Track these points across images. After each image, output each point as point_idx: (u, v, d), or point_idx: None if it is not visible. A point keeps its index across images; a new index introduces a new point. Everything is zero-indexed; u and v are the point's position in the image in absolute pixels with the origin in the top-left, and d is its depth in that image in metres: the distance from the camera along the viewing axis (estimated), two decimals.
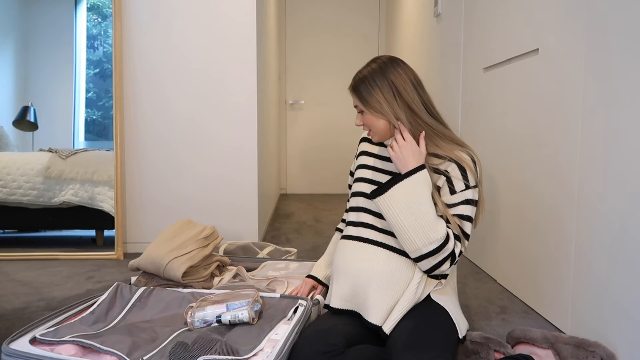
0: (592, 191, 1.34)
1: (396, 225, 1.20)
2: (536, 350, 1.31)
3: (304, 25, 4.94)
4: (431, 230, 1.18)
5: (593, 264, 1.35)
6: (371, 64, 1.31)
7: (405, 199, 1.19)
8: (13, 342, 1.15)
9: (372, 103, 1.27)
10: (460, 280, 1.99)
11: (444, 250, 1.19)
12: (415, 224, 1.18)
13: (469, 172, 1.24)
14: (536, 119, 1.66)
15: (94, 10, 2.76)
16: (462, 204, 1.24)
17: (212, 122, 2.47)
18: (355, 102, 1.31)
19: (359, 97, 1.29)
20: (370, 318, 1.23)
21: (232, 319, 1.30)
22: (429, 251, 1.19)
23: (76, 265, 2.20)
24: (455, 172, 1.24)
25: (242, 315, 1.30)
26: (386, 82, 1.26)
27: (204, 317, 1.31)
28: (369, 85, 1.27)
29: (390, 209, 1.20)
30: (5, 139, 2.62)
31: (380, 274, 1.25)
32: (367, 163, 1.39)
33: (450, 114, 2.63)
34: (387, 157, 1.36)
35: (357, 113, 1.34)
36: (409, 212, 1.19)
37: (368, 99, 1.27)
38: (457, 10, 2.53)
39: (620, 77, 1.24)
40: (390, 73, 1.27)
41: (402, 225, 1.19)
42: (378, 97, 1.26)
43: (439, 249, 1.19)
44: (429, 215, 1.19)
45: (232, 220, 2.49)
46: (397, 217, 1.20)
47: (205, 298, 1.41)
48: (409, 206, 1.19)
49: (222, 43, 2.45)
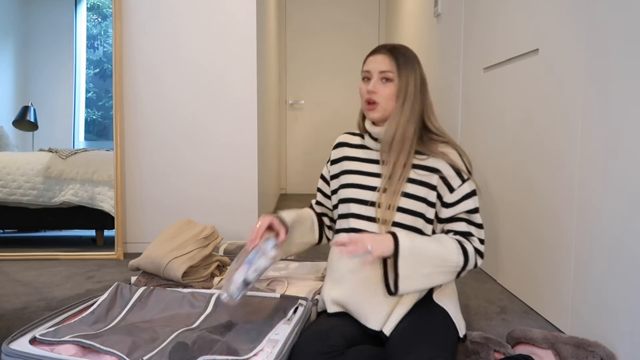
0: (592, 191, 1.34)
1: (426, 285, 1.22)
2: (536, 350, 1.31)
3: (304, 26, 4.94)
4: (449, 266, 1.20)
5: (593, 264, 1.35)
6: (405, 47, 1.31)
7: (415, 269, 1.18)
8: (13, 342, 1.15)
9: (406, 77, 1.25)
10: (460, 280, 1.99)
11: (469, 260, 1.22)
12: (436, 272, 1.20)
13: (459, 165, 1.25)
14: (536, 119, 1.66)
15: (94, 10, 2.76)
16: (464, 200, 1.24)
17: (213, 122, 2.47)
18: (386, 66, 1.25)
19: (397, 63, 1.25)
20: (369, 324, 1.22)
21: (258, 274, 1.24)
22: (459, 272, 1.22)
23: (76, 265, 2.20)
24: (446, 169, 1.25)
25: (263, 264, 1.24)
26: (419, 69, 1.29)
27: (237, 288, 1.23)
28: (409, 61, 1.27)
29: (411, 287, 1.20)
30: (5, 139, 2.62)
31: (377, 280, 1.24)
32: (352, 168, 1.35)
33: (450, 114, 2.63)
34: (373, 159, 1.33)
35: (373, 80, 1.26)
36: (424, 274, 1.19)
37: (403, 70, 1.25)
38: (457, 10, 2.52)
39: (620, 77, 1.24)
40: (420, 66, 1.30)
41: (430, 282, 1.22)
42: (411, 74, 1.26)
43: (465, 264, 1.21)
44: (437, 259, 1.19)
45: (232, 220, 2.49)
46: (421, 285, 1.21)
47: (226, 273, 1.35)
48: (420, 269, 1.18)
49: (222, 43, 2.45)
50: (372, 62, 1.28)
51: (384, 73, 1.26)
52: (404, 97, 1.25)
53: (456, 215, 1.25)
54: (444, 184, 1.25)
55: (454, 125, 2.55)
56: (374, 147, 1.34)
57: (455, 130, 2.53)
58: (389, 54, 1.26)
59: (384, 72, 1.26)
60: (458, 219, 1.26)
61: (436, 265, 1.18)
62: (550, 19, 1.57)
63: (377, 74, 1.26)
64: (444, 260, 1.19)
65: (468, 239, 1.24)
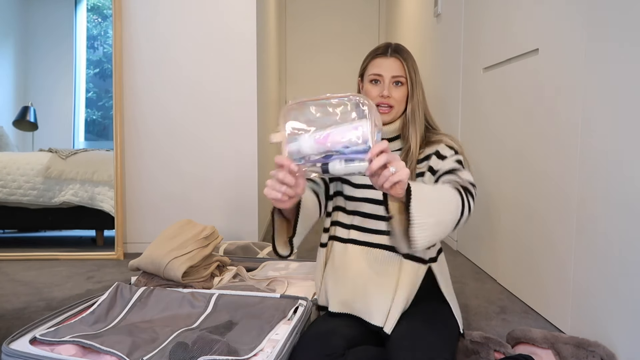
0: (593, 191, 1.34)
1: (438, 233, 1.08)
2: (536, 350, 1.31)
3: (304, 26, 4.94)
4: (454, 205, 1.09)
5: (593, 264, 1.35)
6: (403, 45, 1.32)
7: (426, 211, 1.03)
8: (13, 342, 1.15)
9: (415, 78, 1.28)
10: (460, 280, 1.99)
11: (464, 202, 1.12)
12: (444, 213, 1.07)
13: (452, 145, 1.26)
14: (536, 119, 1.66)
15: (94, 10, 2.76)
16: (455, 162, 1.24)
17: (213, 122, 2.47)
18: (399, 71, 1.27)
19: (407, 67, 1.28)
20: (373, 320, 1.22)
21: (346, 169, 0.95)
22: (459, 217, 1.11)
23: (76, 265, 2.20)
24: (440, 147, 1.26)
25: (359, 166, 0.95)
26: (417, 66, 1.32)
27: (299, 150, 0.96)
28: (413, 61, 1.30)
29: (425, 234, 1.03)
30: (5, 139, 2.62)
31: (378, 274, 1.24)
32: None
33: (450, 114, 2.63)
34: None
35: (385, 84, 1.26)
36: (435, 214, 1.06)
37: (412, 73, 1.28)
38: (457, 10, 2.52)
39: (620, 77, 1.24)
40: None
41: (440, 229, 1.07)
42: (417, 74, 1.29)
43: (463, 206, 1.11)
44: (443, 200, 1.09)
45: (232, 220, 2.49)
46: (433, 232, 1.05)
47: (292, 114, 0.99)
48: (431, 209, 1.05)
49: (222, 42, 2.45)
50: (384, 67, 1.28)
51: (397, 77, 1.28)
52: (415, 97, 1.28)
53: (447, 170, 1.23)
54: (437, 157, 1.26)
55: (454, 125, 2.55)
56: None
57: (455, 130, 2.53)
58: (400, 58, 1.28)
59: (397, 77, 1.28)
60: (448, 172, 1.22)
61: (444, 203, 1.08)
62: (550, 19, 1.57)
63: (389, 79, 1.27)
64: (449, 201, 1.09)
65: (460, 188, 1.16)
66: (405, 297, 1.22)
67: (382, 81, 1.28)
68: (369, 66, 1.31)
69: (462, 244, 2.48)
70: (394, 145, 1.32)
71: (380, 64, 1.28)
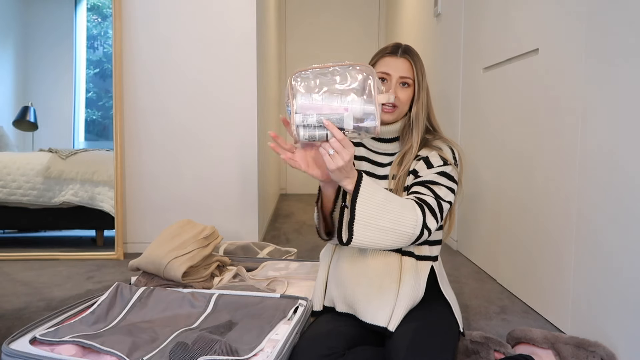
0: (593, 190, 1.34)
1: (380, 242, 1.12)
2: (536, 350, 1.31)
3: (304, 26, 4.94)
4: (406, 226, 1.11)
5: (593, 264, 1.35)
6: (413, 49, 1.32)
7: (372, 214, 1.09)
8: (13, 342, 1.15)
9: (423, 81, 1.29)
10: (460, 280, 1.99)
11: (424, 230, 1.13)
12: (392, 230, 1.11)
13: (448, 158, 1.24)
14: (536, 119, 1.66)
15: (94, 10, 2.76)
16: (437, 174, 1.22)
17: (213, 122, 2.47)
18: (407, 72, 1.27)
19: (416, 68, 1.28)
20: (376, 321, 1.21)
21: (358, 125, 1.05)
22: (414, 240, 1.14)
23: (76, 265, 2.20)
24: (433, 155, 1.25)
25: (371, 124, 1.04)
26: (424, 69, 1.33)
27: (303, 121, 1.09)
28: (421, 64, 1.30)
29: (365, 238, 1.10)
30: (5, 139, 2.62)
31: (381, 276, 1.24)
32: (365, 169, 1.35)
33: (450, 114, 2.63)
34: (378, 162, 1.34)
35: (392, 84, 1.26)
36: (381, 227, 1.10)
37: (420, 75, 1.28)
38: (457, 10, 2.52)
39: (620, 77, 1.24)
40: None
41: (384, 240, 1.11)
42: (424, 77, 1.29)
43: (420, 234, 1.13)
44: (396, 215, 1.10)
45: (232, 220, 2.49)
46: (375, 239, 1.11)
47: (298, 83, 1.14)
48: (377, 219, 1.09)
49: (222, 42, 2.45)
50: (393, 67, 1.27)
51: (404, 78, 1.27)
52: (420, 100, 1.28)
53: (423, 180, 1.22)
54: (424, 163, 1.25)
55: (454, 125, 2.55)
56: (374, 148, 1.35)
57: (455, 130, 2.53)
58: (410, 59, 1.28)
59: (404, 78, 1.27)
60: (422, 183, 1.22)
61: (394, 221, 1.10)
62: (550, 19, 1.57)
63: (396, 79, 1.27)
64: (400, 213, 1.10)
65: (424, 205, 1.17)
66: (409, 294, 1.22)
67: (389, 80, 1.27)
68: (377, 64, 1.30)
69: (462, 244, 2.48)
70: (393, 147, 1.32)
71: (389, 63, 1.28)
